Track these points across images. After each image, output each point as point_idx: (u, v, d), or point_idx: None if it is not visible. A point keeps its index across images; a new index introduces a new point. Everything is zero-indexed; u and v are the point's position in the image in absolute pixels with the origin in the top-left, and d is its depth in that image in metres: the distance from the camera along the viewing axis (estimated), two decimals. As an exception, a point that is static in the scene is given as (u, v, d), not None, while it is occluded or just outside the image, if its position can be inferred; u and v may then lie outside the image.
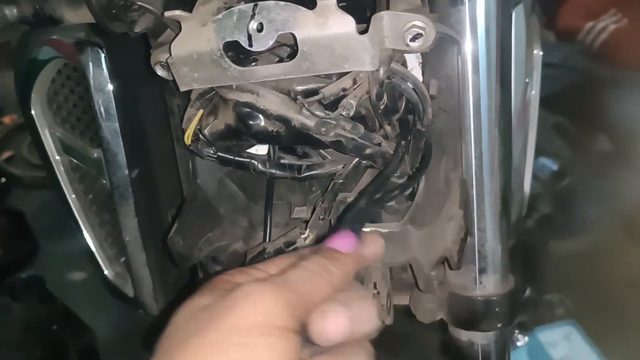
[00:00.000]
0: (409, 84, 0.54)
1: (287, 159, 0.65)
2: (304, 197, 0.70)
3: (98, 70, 0.67)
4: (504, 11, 0.62)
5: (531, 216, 1.66)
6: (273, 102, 0.52)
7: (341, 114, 0.51)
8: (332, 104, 0.52)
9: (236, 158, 0.62)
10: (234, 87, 0.52)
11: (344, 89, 0.51)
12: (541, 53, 0.92)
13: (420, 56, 0.60)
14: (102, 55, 0.67)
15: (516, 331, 1.19)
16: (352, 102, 0.50)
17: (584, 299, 1.98)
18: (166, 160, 0.74)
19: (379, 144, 0.57)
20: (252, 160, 0.63)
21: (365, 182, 0.67)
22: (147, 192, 0.73)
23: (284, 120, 0.53)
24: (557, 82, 1.69)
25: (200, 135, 0.62)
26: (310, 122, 0.52)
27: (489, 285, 0.66)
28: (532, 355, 1.72)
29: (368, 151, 0.56)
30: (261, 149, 0.65)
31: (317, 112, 0.51)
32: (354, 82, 0.51)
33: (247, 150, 0.64)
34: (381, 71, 0.50)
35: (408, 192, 0.64)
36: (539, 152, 0.95)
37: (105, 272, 0.78)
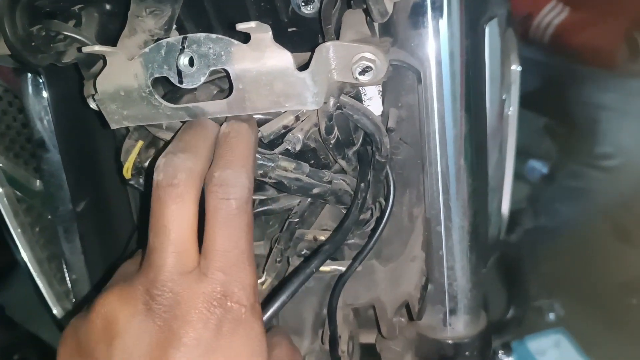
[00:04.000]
0: (360, 114, 0.49)
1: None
2: (260, 231, 0.65)
3: (37, 99, 0.62)
4: (474, 29, 0.58)
5: (515, 230, 1.61)
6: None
7: (286, 149, 0.46)
8: (275, 141, 0.47)
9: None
10: (164, 127, 0.48)
11: (285, 127, 0.46)
12: (519, 68, 0.87)
13: (380, 85, 0.55)
14: (41, 82, 0.62)
15: (500, 352, 1.14)
16: (299, 135, 0.46)
17: (574, 304, 1.94)
18: (116, 191, 0.69)
19: (329, 182, 0.52)
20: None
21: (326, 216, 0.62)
22: (95, 226, 0.68)
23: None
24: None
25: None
26: None
27: (458, 326, 0.61)
28: (521, 364, 1.69)
29: (316, 191, 0.51)
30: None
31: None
32: (297, 118, 0.46)
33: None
34: (330, 103, 0.45)
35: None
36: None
37: (54, 310, 0.73)
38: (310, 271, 0.47)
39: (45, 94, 0.62)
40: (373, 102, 0.54)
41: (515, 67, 0.86)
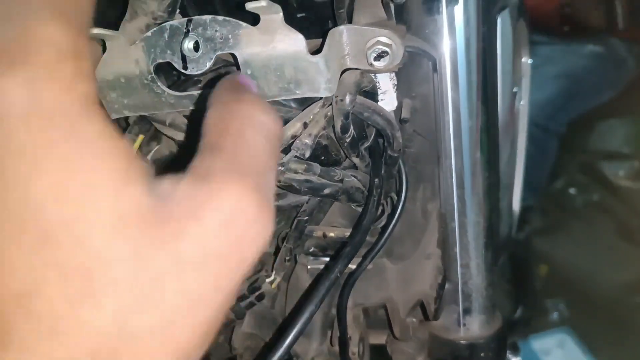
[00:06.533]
0: (371, 112, 0.46)
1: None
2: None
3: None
4: (487, 18, 0.55)
5: (523, 229, 1.59)
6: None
7: (295, 156, 0.44)
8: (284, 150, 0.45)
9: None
10: (167, 124, 0.45)
11: (294, 136, 0.44)
12: (530, 61, 0.85)
13: (395, 77, 0.52)
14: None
15: (507, 352, 1.12)
16: (307, 141, 0.43)
17: (578, 304, 1.92)
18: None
19: (341, 180, 0.49)
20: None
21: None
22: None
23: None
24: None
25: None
26: None
27: (473, 327, 0.58)
28: (526, 363, 1.66)
29: (327, 191, 0.49)
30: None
31: None
32: (304, 125, 0.44)
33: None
34: (347, 100, 0.43)
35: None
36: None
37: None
38: (334, 276, 0.45)
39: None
40: (387, 96, 0.52)
41: (526, 60, 0.84)
